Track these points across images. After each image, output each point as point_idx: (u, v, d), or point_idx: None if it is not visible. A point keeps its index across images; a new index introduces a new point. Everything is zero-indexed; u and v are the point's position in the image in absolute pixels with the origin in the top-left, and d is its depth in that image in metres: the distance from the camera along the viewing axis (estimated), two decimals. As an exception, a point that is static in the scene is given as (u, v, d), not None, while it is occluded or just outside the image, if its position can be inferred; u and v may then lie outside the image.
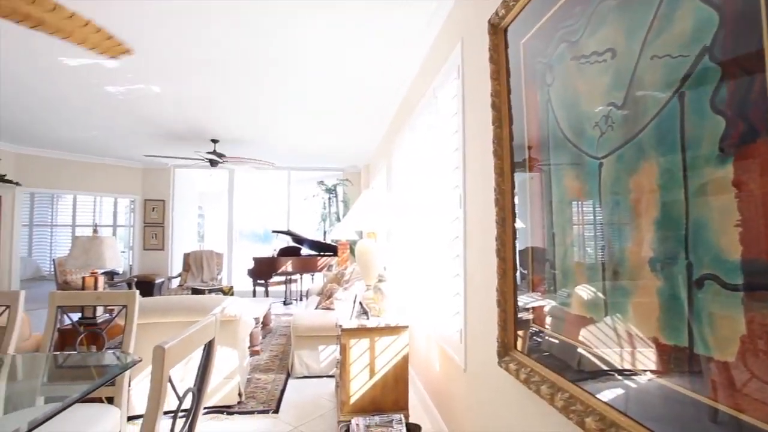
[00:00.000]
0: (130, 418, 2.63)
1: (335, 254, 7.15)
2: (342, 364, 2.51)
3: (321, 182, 7.91)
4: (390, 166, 4.71)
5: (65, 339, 3.00)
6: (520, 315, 1.42)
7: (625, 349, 0.90)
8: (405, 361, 2.50)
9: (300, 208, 8.38)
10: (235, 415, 2.89)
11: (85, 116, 4.75)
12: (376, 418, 2.29)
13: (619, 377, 0.92)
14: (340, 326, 2.47)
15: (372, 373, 2.47)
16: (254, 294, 7.10)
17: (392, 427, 2.23)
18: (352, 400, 2.45)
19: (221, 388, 2.95)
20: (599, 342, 0.98)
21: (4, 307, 2.12)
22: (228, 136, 5.57)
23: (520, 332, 1.43)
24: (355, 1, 2.34)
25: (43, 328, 2.12)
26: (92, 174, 7.25)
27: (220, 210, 8.49)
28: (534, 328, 1.32)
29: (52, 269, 7.11)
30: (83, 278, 3.29)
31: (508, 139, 1.48)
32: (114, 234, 8.81)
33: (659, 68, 0.80)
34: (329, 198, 7.88)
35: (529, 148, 1.34)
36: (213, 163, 5.77)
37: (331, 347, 3.68)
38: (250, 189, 8.79)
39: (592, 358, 1.01)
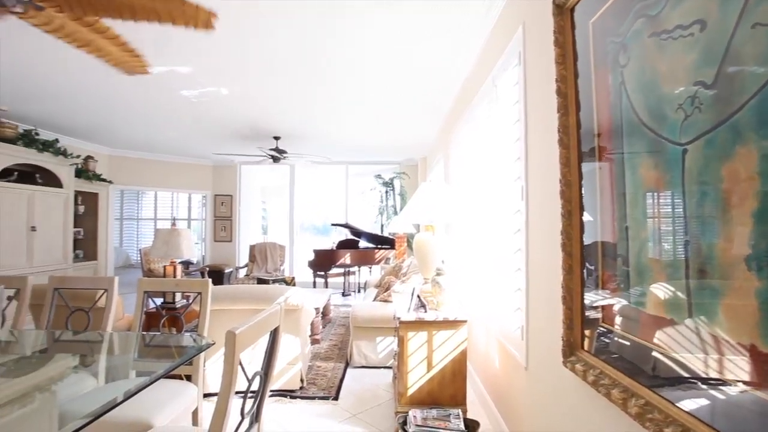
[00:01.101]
0: (206, 395, 2.86)
1: (392, 247, 7.21)
2: (399, 356, 2.53)
3: (378, 176, 7.99)
4: (447, 157, 4.64)
5: (150, 321, 3.32)
6: (587, 313, 1.34)
7: (712, 356, 0.81)
8: (463, 355, 2.47)
9: (358, 202, 8.54)
10: (298, 399, 3.04)
11: (163, 120, 5.19)
12: (434, 412, 2.29)
13: (703, 386, 0.83)
14: (398, 318, 2.49)
15: (429, 367, 2.46)
16: (314, 285, 7.37)
17: (449, 421, 2.21)
18: (410, 392, 2.47)
19: (285, 373, 3.11)
20: (679, 346, 0.90)
21: (102, 291, 2.39)
22: (289, 133, 5.80)
23: (587, 331, 1.35)
24: (412, -8, 2.32)
25: (134, 310, 2.36)
26: (170, 172, 7.93)
27: (282, 204, 8.89)
28: (602, 328, 1.24)
29: (139, 258, 7.91)
30: (164, 267, 3.62)
31: (575, 126, 1.39)
32: (189, 227, 9.58)
33: (763, 38, 0.70)
34: (386, 191, 7.93)
35: (599, 135, 1.25)
36: (275, 159, 6.05)
37: (388, 339, 3.73)
38: (310, 183, 9.10)
39: (670, 363, 0.93)
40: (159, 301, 3.43)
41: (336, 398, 3.06)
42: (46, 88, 4.03)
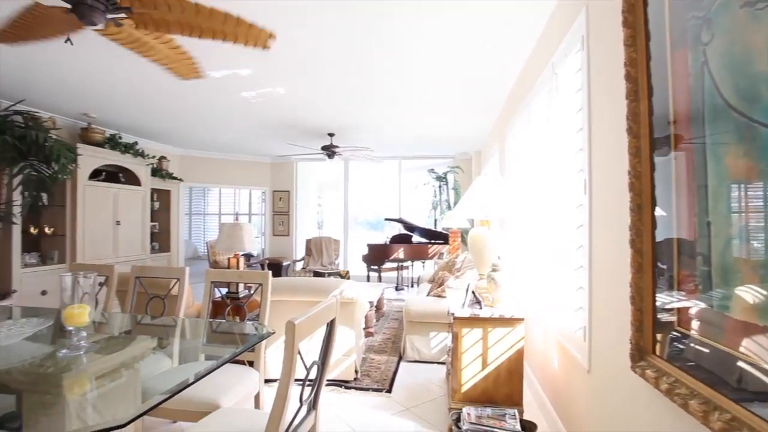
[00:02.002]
0: (266, 381, 3.02)
1: (446, 242, 7.13)
2: (453, 352, 2.51)
3: (431, 170, 7.92)
4: (503, 150, 4.49)
5: (216, 309, 3.55)
6: (659, 316, 1.24)
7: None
8: (520, 354, 2.39)
9: (411, 197, 8.53)
10: (352, 390, 3.11)
11: (226, 120, 5.50)
12: (488, 410, 2.25)
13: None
14: (452, 314, 2.46)
15: (484, 364, 2.42)
16: (368, 279, 7.49)
17: (505, 421, 2.16)
18: (464, 389, 2.44)
19: (340, 364, 3.20)
20: (773, 356, 0.80)
21: (175, 280, 2.60)
22: (343, 129, 5.91)
23: (658, 335, 1.25)
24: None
25: (202, 298, 2.54)
26: (232, 170, 8.41)
27: (337, 199, 9.10)
28: (677, 332, 1.14)
29: (206, 251, 8.48)
30: (228, 259, 3.86)
31: (646, 113, 1.28)
32: (249, 221, 10.12)
33: None
34: (439, 186, 7.84)
35: (674, 122, 1.14)
36: (330, 155, 6.20)
37: (442, 334, 3.70)
38: (364, 178, 9.24)
39: (761, 376, 0.83)
40: (224, 290, 3.67)
41: (389, 391, 3.10)
42: (127, 97, 4.43)
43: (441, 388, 3.18)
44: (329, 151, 6.11)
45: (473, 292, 2.57)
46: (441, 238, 7.39)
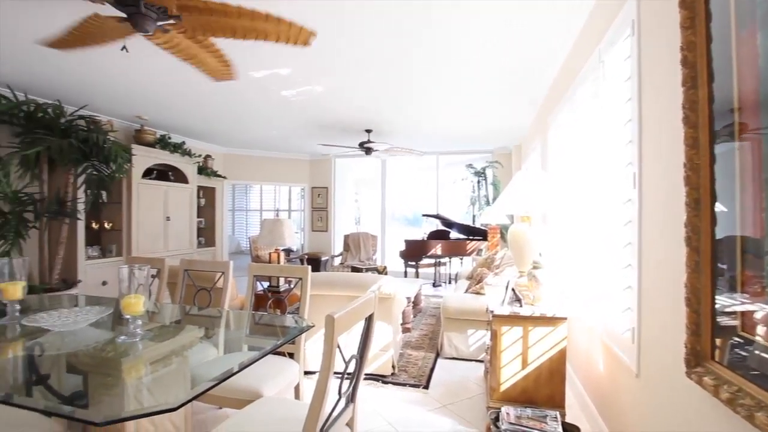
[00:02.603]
0: (306, 373, 3.10)
1: (485, 239, 7.00)
2: (492, 350, 2.46)
3: (470, 165, 7.78)
4: (545, 144, 4.34)
5: (258, 302, 3.68)
6: (718, 319, 1.16)
7: None
8: (562, 355, 2.31)
9: (449, 192, 8.43)
10: (389, 384, 3.13)
11: (267, 119, 5.66)
12: (528, 411, 2.19)
13: None
14: (491, 312, 2.42)
15: (524, 364, 2.36)
16: (405, 275, 7.49)
17: (546, 423, 2.10)
18: (502, 388, 2.39)
19: (377, 358, 3.22)
20: None
21: (220, 273, 2.72)
22: (381, 126, 5.93)
23: (717, 340, 1.16)
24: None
25: (245, 291, 2.64)
26: (272, 167, 8.66)
27: (374, 195, 9.15)
28: (739, 338, 1.06)
29: (248, 245, 8.81)
30: (269, 254, 3.98)
31: (705, 101, 1.19)
32: (289, 217, 10.39)
33: None
34: (478, 181, 7.69)
35: (739, 110, 1.05)
36: (367, 152, 6.24)
37: (480, 332, 3.65)
38: (401, 174, 9.22)
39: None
40: (265, 284, 3.79)
41: (426, 387, 3.09)
42: (175, 99, 4.67)
43: (479, 386, 3.14)
44: (367, 147, 6.15)
45: (513, 290, 2.51)
46: (479, 234, 7.27)
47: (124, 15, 2.20)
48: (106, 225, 5.45)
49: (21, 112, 4.23)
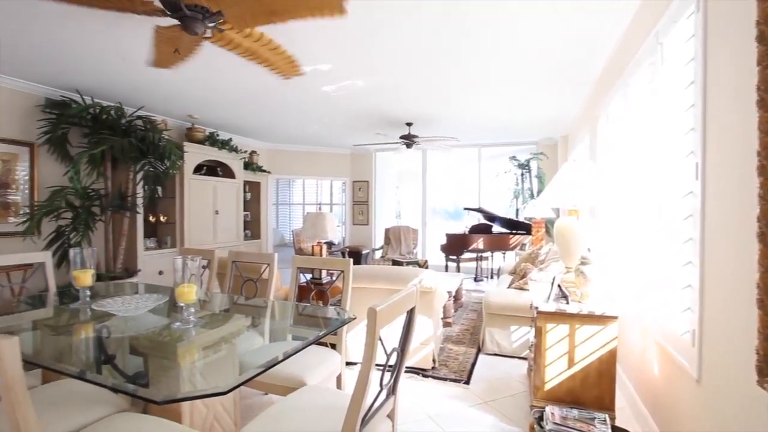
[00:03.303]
0: (347, 364, 3.16)
1: (528, 233, 6.80)
2: (536, 347, 2.39)
3: (513, 157, 7.54)
4: (594, 133, 4.12)
5: (301, 293, 3.79)
6: (795, 322, 1.05)
7: None
8: (612, 355, 2.21)
9: (491, 185, 8.24)
10: (429, 378, 3.13)
11: (308, 115, 5.78)
12: (575, 412, 2.11)
13: None
14: (536, 308, 2.34)
15: (570, 363, 2.27)
16: (446, 269, 7.43)
17: (594, 426, 2.01)
18: (547, 387, 2.32)
19: (418, 352, 3.23)
20: None
21: (266, 265, 2.82)
22: (421, 118, 5.88)
23: (794, 345, 1.06)
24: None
25: (289, 282, 2.72)
26: (314, 161, 8.84)
27: (415, 188, 9.11)
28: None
29: (291, 238, 9.07)
30: (312, 246, 4.07)
31: (783, 82, 1.08)
32: (331, 211, 10.58)
33: None
34: (522, 174, 7.44)
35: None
36: (408, 145, 6.22)
37: (524, 328, 3.56)
38: (442, 167, 9.12)
39: None
40: (308, 276, 3.90)
41: (467, 382, 3.06)
42: (223, 98, 4.86)
43: (522, 383, 3.06)
44: (407, 140, 6.12)
45: (559, 286, 2.42)
46: (523, 228, 7.05)
47: (177, 22, 2.32)
48: (161, 218, 5.81)
49: (89, 114, 4.58)
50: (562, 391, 2.29)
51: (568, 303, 2.33)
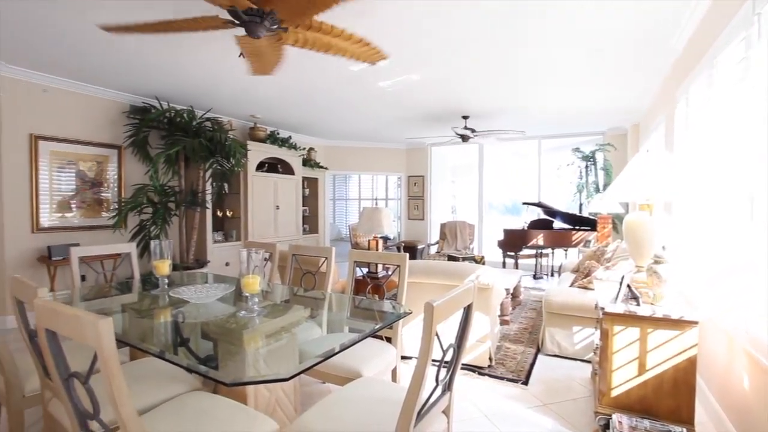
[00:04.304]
0: (402, 358, 3.18)
1: (593, 229, 6.40)
2: (602, 350, 2.25)
3: (576, 149, 7.11)
4: (671, 120, 3.77)
5: (358, 287, 3.86)
6: None
7: None
8: (691, 364, 2.02)
9: (552, 179, 7.84)
10: (486, 376, 3.06)
11: (364, 111, 5.85)
12: (646, 423, 1.97)
13: None
14: (602, 309, 2.20)
15: (641, 369, 2.11)
16: (504, 265, 7.21)
17: (669, 438, 1.86)
18: (613, 393, 2.17)
19: (474, 349, 3.17)
20: None
21: (323, 258, 2.91)
22: (478, 111, 5.73)
23: None
24: None
25: (346, 276, 2.79)
26: (370, 157, 8.94)
27: (471, 183, 8.92)
28: None
29: (347, 233, 9.27)
30: (368, 241, 4.13)
31: None
32: (386, 206, 10.66)
33: None
34: (586, 166, 7.00)
35: None
36: (464, 139, 6.09)
37: (587, 330, 3.37)
38: (499, 161, 8.83)
39: None
40: (364, 270, 3.96)
41: (525, 383, 2.96)
42: (281, 98, 5.07)
43: (584, 387, 2.90)
44: (463, 134, 6.00)
45: (629, 286, 2.25)
46: (587, 224, 6.65)
47: (238, 23, 2.44)
48: (227, 213, 6.21)
49: (165, 118, 4.99)
50: (631, 398, 2.14)
51: (638, 305, 2.16)
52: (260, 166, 6.42)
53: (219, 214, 6.10)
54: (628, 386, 2.14)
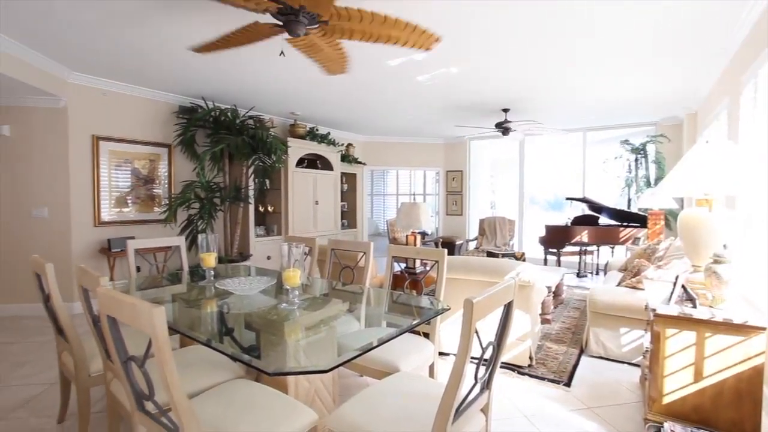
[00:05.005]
0: (440, 354, 3.16)
1: (643, 225, 6.05)
2: (653, 354, 2.13)
3: (625, 141, 6.73)
4: (736, 107, 3.48)
5: (396, 282, 3.86)
6: None
7: None
8: (756, 373, 1.87)
9: (598, 173, 7.48)
10: (526, 376, 2.99)
11: (402, 106, 5.82)
12: (703, 432, 1.84)
13: None
14: (653, 310, 2.08)
15: (698, 376, 1.98)
16: (545, 262, 6.98)
17: (729, 449, 1.73)
18: (666, 400, 2.05)
19: (513, 348, 3.10)
20: None
21: (362, 253, 2.93)
22: (518, 103, 5.55)
23: None
24: None
25: (383, 270, 2.80)
26: (408, 152, 8.91)
27: (511, 177, 8.68)
28: None
29: (385, 228, 9.30)
30: (406, 236, 4.13)
31: None
32: (424, 201, 10.59)
33: None
34: (636, 159, 6.61)
35: None
36: (505, 132, 5.93)
37: (636, 332, 3.20)
38: (541, 154, 8.53)
39: None
40: (402, 265, 3.96)
41: (568, 384, 2.86)
42: (319, 95, 5.14)
43: (632, 392, 2.76)
44: (504, 127, 5.84)
45: (684, 287, 2.11)
46: (636, 220, 6.29)
47: (279, 22, 2.50)
48: (269, 208, 6.40)
49: (210, 117, 5.21)
50: (686, 407, 2.01)
51: (695, 307, 2.03)
52: (300, 162, 6.56)
53: (261, 209, 6.31)
54: (683, 393, 2.02)
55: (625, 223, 6.45)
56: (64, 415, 2.35)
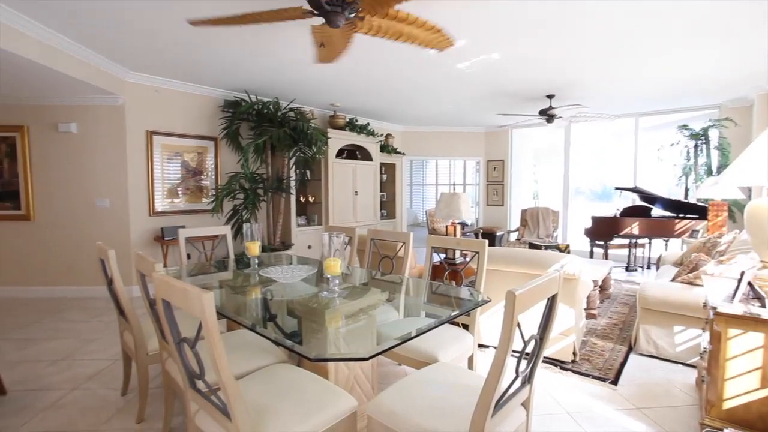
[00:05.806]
0: (479, 346, 3.12)
1: (702, 217, 5.63)
2: (712, 355, 1.99)
3: (683, 126, 6.25)
4: (814, 89, 3.13)
5: (435, 272, 3.84)
6: None
7: None
8: (833, 379, 1.70)
9: (651, 161, 7.02)
10: (569, 372, 2.89)
11: (442, 94, 5.72)
12: (769, 440, 1.70)
13: None
14: (713, 308, 1.94)
15: (765, 382, 1.83)
16: (591, 255, 6.68)
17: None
18: (726, 405, 1.91)
19: (556, 342, 3.00)
20: None
21: (401, 243, 2.94)
22: (564, 89, 5.30)
23: None
24: None
25: (423, 261, 2.79)
26: (447, 141, 8.77)
27: (555, 167, 8.34)
28: None
29: (424, 218, 9.26)
30: (446, 227, 4.09)
31: None
32: (464, 191, 10.42)
33: None
34: (696, 145, 6.13)
35: None
36: (549, 120, 5.69)
37: (692, 331, 3.00)
38: (588, 142, 8.12)
39: None
40: (442, 256, 3.93)
41: (614, 383, 2.74)
42: (359, 85, 5.15)
43: (687, 395, 2.60)
44: (548, 114, 5.61)
45: (750, 284, 1.95)
46: (694, 211, 5.86)
47: (323, 19, 2.53)
48: (310, 198, 6.54)
49: (253, 110, 5.37)
50: (751, 414, 1.87)
51: (763, 306, 1.87)
52: (340, 153, 6.64)
53: (302, 199, 6.46)
54: (746, 399, 1.87)
55: (681, 215, 6.04)
56: (126, 388, 2.57)
